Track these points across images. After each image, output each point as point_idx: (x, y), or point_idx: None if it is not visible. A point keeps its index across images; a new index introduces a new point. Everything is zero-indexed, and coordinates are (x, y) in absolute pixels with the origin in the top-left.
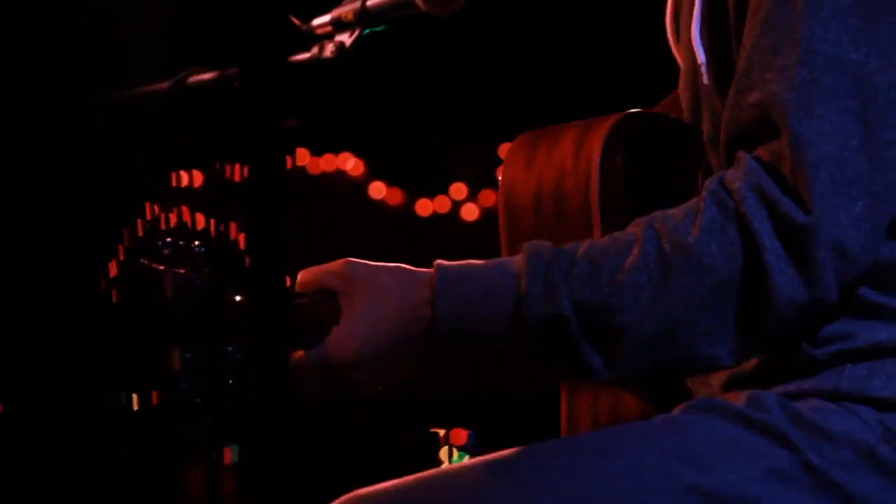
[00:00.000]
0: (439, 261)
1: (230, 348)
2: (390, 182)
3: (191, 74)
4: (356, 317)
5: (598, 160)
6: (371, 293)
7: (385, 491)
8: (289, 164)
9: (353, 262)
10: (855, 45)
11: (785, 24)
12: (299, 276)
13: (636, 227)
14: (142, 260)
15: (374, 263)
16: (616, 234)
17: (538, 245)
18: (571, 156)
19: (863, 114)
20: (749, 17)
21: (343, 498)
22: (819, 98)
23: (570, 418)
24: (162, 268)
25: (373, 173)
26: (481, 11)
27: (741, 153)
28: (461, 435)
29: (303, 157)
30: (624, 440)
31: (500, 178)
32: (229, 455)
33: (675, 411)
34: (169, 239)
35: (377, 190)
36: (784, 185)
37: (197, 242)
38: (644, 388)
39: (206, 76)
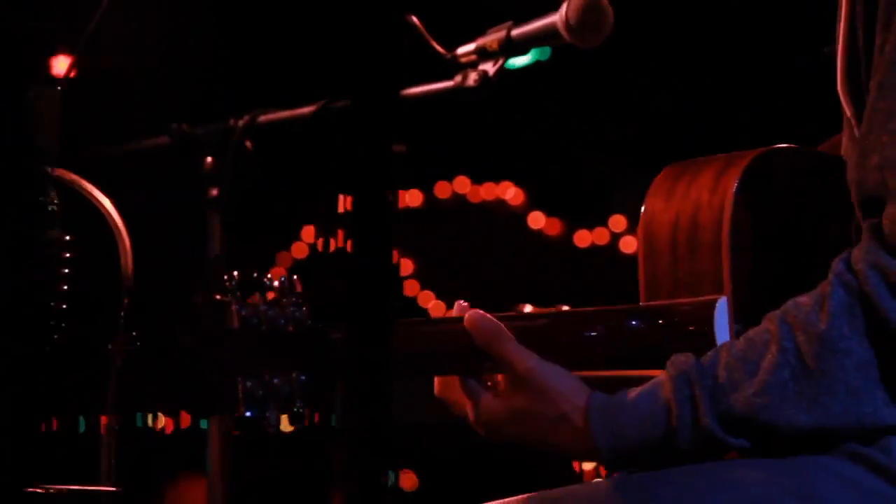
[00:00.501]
0: (590, 390)
1: (303, 377)
2: (550, 212)
3: (332, 102)
4: (515, 414)
5: (732, 194)
6: (532, 406)
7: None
8: (448, 192)
9: (533, 370)
10: None
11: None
12: (479, 322)
13: (770, 324)
14: (208, 293)
15: (542, 381)
16: (751, 334)
17: (681, 362)
18: (709, 190)
19: None
20: (872, 78)
21: None
22: None
23: None
24: (227, 300)
25: (532, 203)
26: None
27: (865, 225)
28: None
29: (463, 185)
30: (740, 473)
31: (642, 209)
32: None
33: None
34: (236, 273)
35: (536, 220)
36: None
37: (270, 275)
38: None
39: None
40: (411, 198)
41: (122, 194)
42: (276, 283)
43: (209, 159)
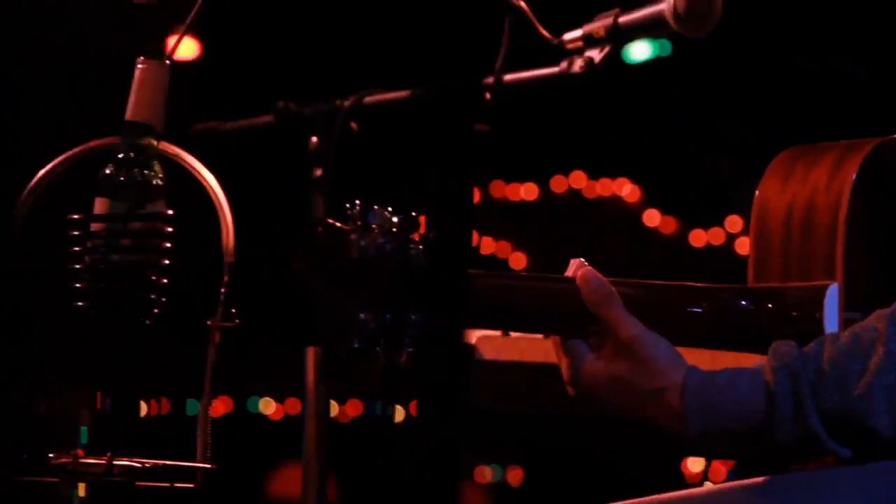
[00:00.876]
0: (690, 367)
1: (413, 315)
2: (665, 210)
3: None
4: (613, 379)
5: (852, 179)
6: (632, 375)
7: None
8: (564, 186)
9: (637, 338)
10: None
11: None
12: (592, 280)
13: (879, 322)
14: (331, 221)
15: (646, 350)
16: (857, 329)
17: (784, 352)
18: (827, 174)
19: None
20: None
21: None
22: None
23: None
24: (348, 228)
25: (648, 200)
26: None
27: None
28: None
29: (579, 179)
30: (841, 484)
31: (758, 190)
32: (488, 475)
33: None
34: (358, 203)
35: (651, 217)
36: None
37: (390, 209)
38: None
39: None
40: (527, 191)
41: (228, 172)
42: (395, 219)
43: (314, 139)
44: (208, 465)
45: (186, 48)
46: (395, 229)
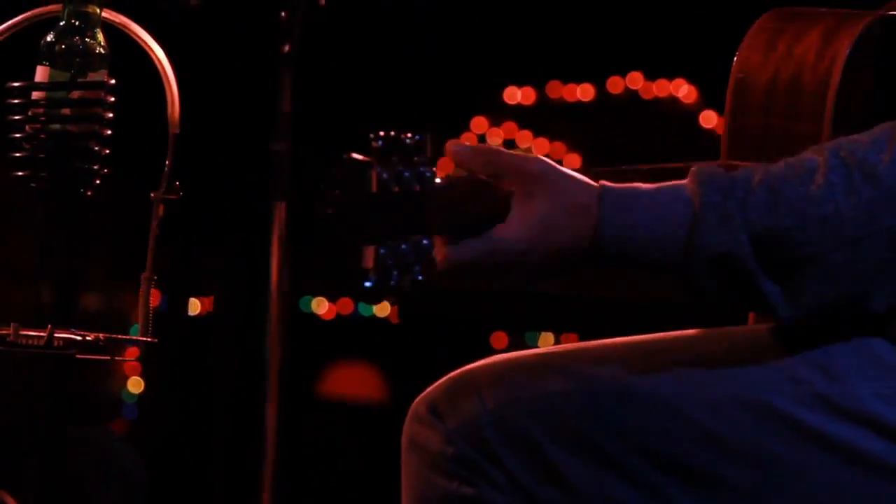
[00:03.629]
0: (605, 183)
1: (426, 241)
2: (722, 111)
3: None
4: (529, 220)
5: (842, 62)
6: (549, 201)
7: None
8: (621, 87)
9: (543, 161)
10: None
11: None
12: (458, 149)
13: (818, 154)
14: (351, 156)
15: (558, 169)
16: (791, 160)
17: (711, 171)
18: (815, 52)
19: None
20: None
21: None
22: None
23: None
24: (368, 160)
25: (705, 101)
26: None
27: None
28: None
29: (636, 80)
30: (760, 337)
31: (735, 59)
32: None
33: None
34: (381, 133)
35: (708, 119)
36: None
37: (409, 134)
38: None
39: None
40: (582, 92)
41: (191, 47)
42: (408, 141)
43: (282, 14)
44: (149, 339)
45: None
46: (412, 155)
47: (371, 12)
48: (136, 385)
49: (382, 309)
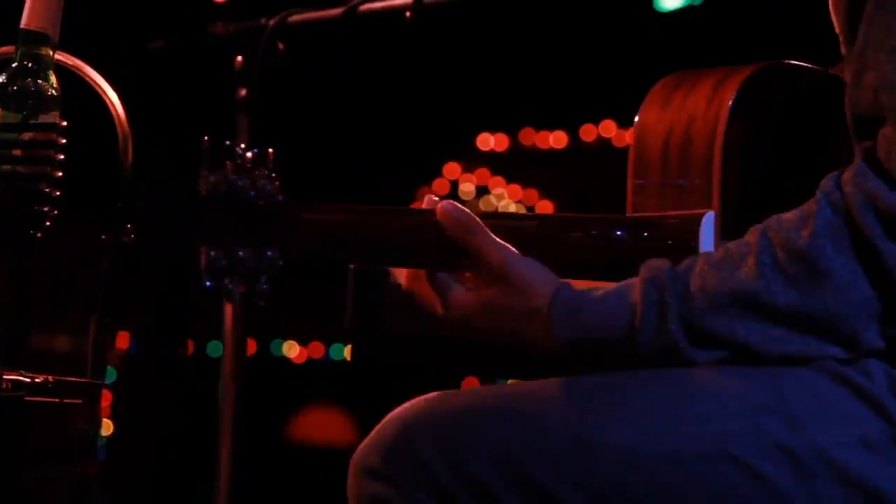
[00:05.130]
0: (561, 283)
1: (270, 252)
2: None
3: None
4: (485, 307)
5: (728, 106)
6: (504, 300)
7: (463, 392)
8: (594, 135)
9: (507, 261)
10: None
11: None
12: (449, 209)
13: (751, 237)
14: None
15: (518, 271)
16: (730, 245)
17: (655, 267)
18: (706, 100)
19: None
20: None
21: (422, 397)
22: None
23: None
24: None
25: None
26: None
27: (858, 148)
28: None
29: (608, 128)
30: (717, 382)
31: (636, 118)
32: None
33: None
34: (207, 138)
35: None
36: (890, 178)
37: (244, 145)
38: None
39: None
40: (555, 139)
41: (146, 92)
42: (248, 154)
43: (239, 58)
44: (97, 382)
45: None
46: (248, 165)
47: (340, 57)
48: (105, 427)
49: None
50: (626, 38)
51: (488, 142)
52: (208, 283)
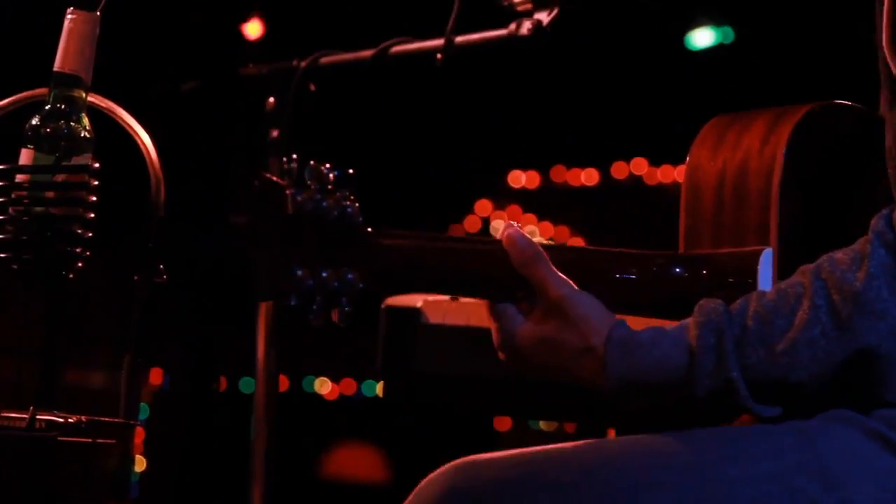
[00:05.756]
0: (614, 328)
1: (350, 275)
2: None
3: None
4: (542, 339)
5: (785, 144)
6: (562, 338)
7: (497, 458)
8: (625, 173)
9: (568, 297)
10: None
11: None
12: (519, 236)
13: (804, 277)
14: (266, 175)
15: (577, 310)
16: (783, 285)
17: (710, 308)
18: (760, 140)
19: None
20: None
21: (457, 462)
22: None
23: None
24: (284, 183)
25: None
26: None
27: None
28: None
29: (640, 166)
30: (751, 443)
31: (687, 159)
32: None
33: (811, 420)
34: (294, 156)
35: None
36: None
37: (328, 166)
38: None
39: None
40: (587, 176)
41: (179, 132)
42: (331, 175)
43: (271, 100)
44: (130, 422)
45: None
46: (331, 186)
47: (372, 97)
48: (138, 463)
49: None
50: (657, 75)
51: (520, 179)
52: (293, 303)
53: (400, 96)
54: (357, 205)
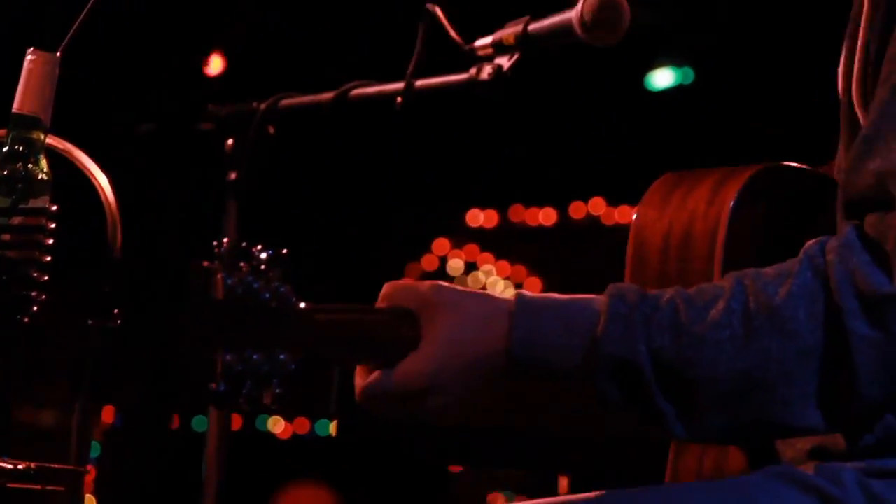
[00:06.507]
0: (521, 291)
1: (282, 356)
2: None
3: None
4: (435, 340)
5: (730, 206)
6: (452, 319)
7: None
8: (583, 212)
9: (440, 285)
10: None
11: None
12: (384, 289)
13: (726, 281)
14: (196, 261)
15: (460, 289)
16: (704, 285)
17: (624, 287)
18: (706, 201)
19: None
20: (881, 82)
21: None
22: None
23: (674, 471)
24: (215, 267)
25: None
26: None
27: (847, 223)
28: None
29: (598, 206)
30: (692, 497)
31: (634, 218)
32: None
33: (751, 475)
34: (226, 239)
35: None
36: (879, 261)
37: (260, 246)
38: (745, 447)
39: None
40: (545, 216)
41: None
42: (263, 255)
43: (229, 141)
44: (80, 469)
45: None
46: (263, 266)
47: (332, 136)
48: (88, 503)
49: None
50: (617, 115)
51: (478, 218)
52: (223, 389)
53: (360, 136)
54: (289, 285)
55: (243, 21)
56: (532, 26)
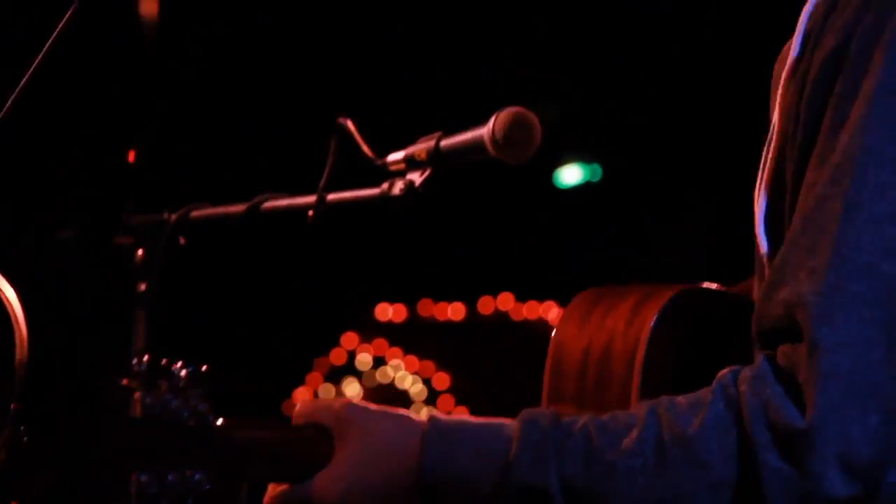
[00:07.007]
0: (435, 413)
1: (198, 476)
2: None
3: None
4: (345, 459)
5: (649, 328)
6: (364, 438)
7: None
8: (491, 308)
9: (353, 404)
10: (889, 255)
11: (822, 224)
12: (298, 408)
13: (639, 409)
14: (114, 380)
15: (374, 408)
16: (618, 412)
17: (537, 412)
18: (625, 321)
19: (891, 327)
20: (795, 212)
21: None
22: (843, 306)
23: None
24: (133, 386)
25: None
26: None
27: (760, 353)
28: None
29: (506, 301)
30: None
31: (553, 332)
32: None
33: None
34: (145, 357)
35: None
36: (791, 393)
37: (180, 363)
38: None
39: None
40: (454, 311)
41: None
42: (183, 373)
43: (140, 251)
44: None
45: None
46: (182, 384)
47: (242, 241)
48: None
49: None
50: (525, 212)
51: (387, 312)
52: None
53: (271, 242)
54: (209, 402)
55: (155, 127)
56: (444, 142)
